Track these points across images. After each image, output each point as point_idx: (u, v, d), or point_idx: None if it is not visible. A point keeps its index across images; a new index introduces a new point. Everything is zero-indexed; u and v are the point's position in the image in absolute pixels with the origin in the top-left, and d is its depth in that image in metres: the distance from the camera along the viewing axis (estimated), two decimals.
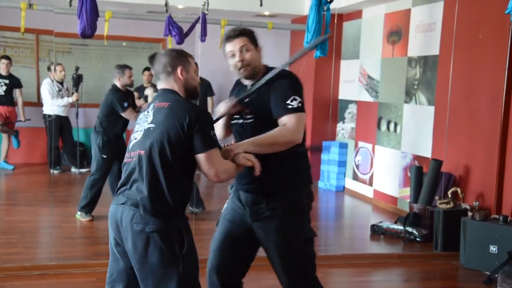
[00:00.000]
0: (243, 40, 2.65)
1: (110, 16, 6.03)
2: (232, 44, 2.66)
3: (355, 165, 7.33)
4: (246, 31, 2.71)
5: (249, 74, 2.66)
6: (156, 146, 2.33)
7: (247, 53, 2.65)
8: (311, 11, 5.51)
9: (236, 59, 2.65)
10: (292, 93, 2.57)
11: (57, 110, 7.73)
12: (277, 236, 2.59)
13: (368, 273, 4.55)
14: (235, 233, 2.71)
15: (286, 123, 2.52)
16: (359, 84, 7.23)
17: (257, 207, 2.62)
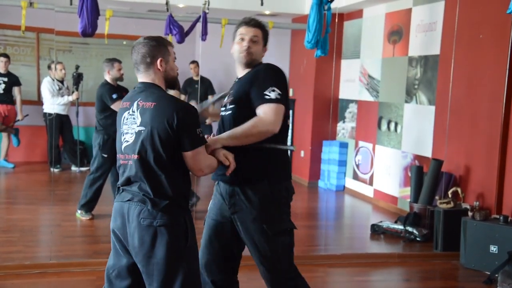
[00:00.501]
0: (257, 32, 2.76)
1: (111, 14, 6.03)
2: (246, 30, 2.76)
3: (355, 165, 7.33)
4: (263, 27, 2.81)
5: (247, 61, 2.74)
6: (149, 149, 2.35)
7: (255, 45, 2.74)
8: (312, 11, 5.50)
9: (244, 44, 2.73)
10: (271, 84, 2.59)
11: (58, 109, 7.73)
12: (253, 226, 2.62)
13: (368, 272, 4.54)
14: (221, 230, 2.75)
15: (261, 113, 2.55)
16: (359, 84, 7.23)
17: (234, 199, 2.65)
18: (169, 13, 6.06)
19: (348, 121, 7.52)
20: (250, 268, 4.43)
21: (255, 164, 2.62)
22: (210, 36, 6.09)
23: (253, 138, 2.55)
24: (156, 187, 2.35)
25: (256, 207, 2.62)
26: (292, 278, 2.77)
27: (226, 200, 2.69)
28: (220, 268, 2.79)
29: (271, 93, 2.57)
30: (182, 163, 2.41)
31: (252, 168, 2.62)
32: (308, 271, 4.40)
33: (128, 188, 2.43)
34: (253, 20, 2.79)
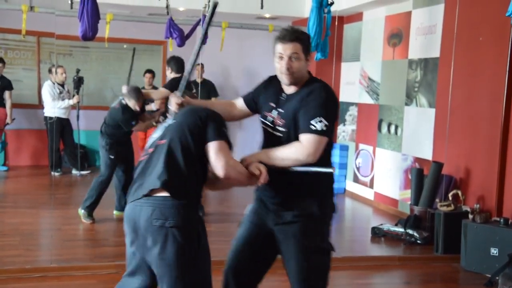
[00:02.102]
0: (295, 47, 2.54)
1: (111, 18, 6.04)
2: (283, 47, 2.55)
3: (355, 168, 7.33)
4: (302, 38, 2.57)
5: (289, 82, 2.57)
6: (176, 135, 2.42)
7: (296, 62, 2.54)
8: (312, 14, 5.52)
9: (283, 64, 2.54)
10: (320, 114, 2.47)
11: (58, 112, 7.74)
12: (296, 241, 2.58)
13: (368, 275, 4.54)
14: (256, 237, 2.71)
15: (303, 141, 2.48)
16: (359, 86, 7.24)
17: (280, 213, 2.61)
18: (170, 16, 6.07)
19: (348, 124, 7.53)
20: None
21: (303, 181, 2.57)
22: (210, 39, 6.09)
23: (289, 162, 2.50)
24: (171, 171, 2.38)
25: (301, 222, 2.57)
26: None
27: (271, 212, 2.64)
28: (247, 274, 2.76)
29: (317, 124, 2.45)
30: (202, 162, 2.44)
31: (300, 185, 2.58)
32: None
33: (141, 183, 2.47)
34: (288, 34, 2.55)
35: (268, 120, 2.63)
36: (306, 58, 2.57)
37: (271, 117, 2.62)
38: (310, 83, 2.59)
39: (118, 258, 4.51)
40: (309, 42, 2.60)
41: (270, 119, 2.62)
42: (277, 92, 2.65)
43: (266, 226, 2.66)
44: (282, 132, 2.57)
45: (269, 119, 2.63)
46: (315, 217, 2.59)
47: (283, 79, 2.58)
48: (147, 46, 9.01)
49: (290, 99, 2.58)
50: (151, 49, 9.05)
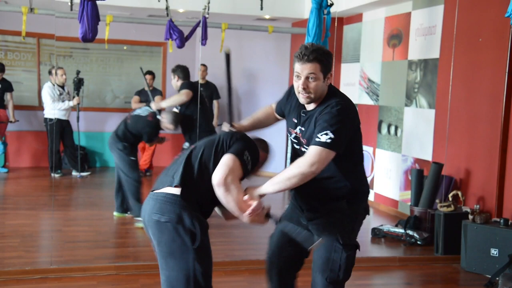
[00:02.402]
0: (313, 67, 2.50)
1: (111, 20, 6.05)
2: (301, 67, 2.52)
3: None
4: (322, 57, 2.52)
5: (305, 102, 2.58)
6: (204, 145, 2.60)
7: (313, 83, 2.52)
8: (312, 15, 5.52)
9: (300, 84, 2.53)
10: (327, 128, 2.46)
11: (58, 114, 7.75)
12: (328, 233, 2.67)
13: (369, 276, 4.54)
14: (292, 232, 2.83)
15: (306, 154, 2.51)
16: (359, 88, 7.24)
17: (314, 213, 2.73)
18: (169, 18, 6.08)
19: None
20: (250, 271, 4.44)
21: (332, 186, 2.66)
22: (210, 41, 6.11)
23: (295, 180, 2.48)
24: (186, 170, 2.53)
25: (334, 217, 2.68)
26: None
27: (306, 210, 2.76)
28: (286, 268, 2.91)
29: (322, 136, 2.45)
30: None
31: (334, 189, 2.66)
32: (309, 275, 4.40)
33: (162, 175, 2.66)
34: (307, 53, 2.50)
35: (293, 136, 2.72)
36: (324, 77, 2.54)
37: (295, 134, 2.70)
38: (327, 99, 2.58)
39: (118, 259, 4.52)
40: (329, 60, 2.55)
41: (294, 135, 2.70)
42: (298, 107, 2.67)
43: (300, 223, 2.77)
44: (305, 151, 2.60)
45: (293, 136, 2.71)
46: (345, 214, 2.69)
47: (300, 98, 2.58)
48: (147, 47, 9.01)
49: (310, 116, 2.60)
50: (150, 50, 9.06)
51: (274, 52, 8.47)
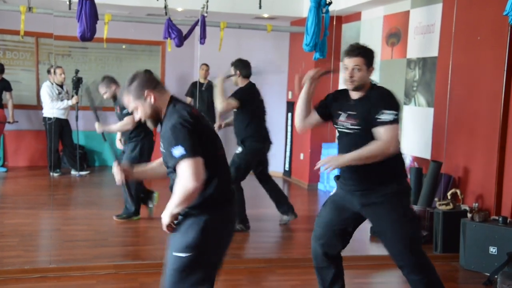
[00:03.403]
0: (359, 60, 3.13)
1: (110, 19, 6.04)
2: (348, 60, 3.15)
3: None
4: (365, 53, 3.19)
5: (352, 87, 3.16)
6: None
7: (358, 72, 3.13)
8: (310, 13, 5.52)
9: (347, 74, 3.13)
10: (387, 107, 3.09)
11: (57, 113, 7.74)
12: (387, 217, 3.14)
13: (368, 274, 4.55)
14: (339, 214, 3.28)
15: (380, 135, 3.04)
16: None
17: (366, 196, 3.15)
18: (168, 17, 6.07)
19: None
20: (250, 270, 4.45)
21: (386, 169, 3.12)
22: (208, 40, 6.11)
23: (375, 159, 3.03)
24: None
25: (389, 199, 3.12)
26: (427, 257, 3.32)
27: (357, 195, 3.18)
28: (333, 244, 3.30)
29: (383, 116, 3.05)
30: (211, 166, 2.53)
31: (383, 173, 3.13)
32: (308, 273, 4.41)
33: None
34: (353, 50, 3.16)
35: (341, 124, 3.21)
36: (367, 69, 3.17)
37: (342, 122, 3.19)
38: (372, 89, 3.21)
39: (117, 258, 4.52)
40: (371, 56, 3.21)
41: (342, 123, 3.19)
42: (344, 100, 3.22)
43: (352, 205, 3.21)
44: (356, 129, 3.13)
45: (341, 124, 3.20)
46: (400, 193, 3.17)
47: (347, 85, 3.17)
48: (146, 46, 9.01)
49: (360, 102, 3.15)
50: (149, 49, 9.06)
51: (273, 51, 8.48)
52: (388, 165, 3.11)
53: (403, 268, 3.28)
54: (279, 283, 4.28)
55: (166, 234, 2.66)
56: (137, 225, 5.57)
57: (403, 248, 3.18)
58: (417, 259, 3.24)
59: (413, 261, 3.23)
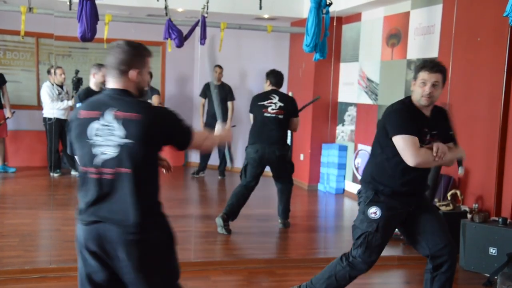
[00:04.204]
0: (438, 77, 3.15)
1: (110, 19, 6.05)
2: (429, 76, 3.14)
3: (354, 168, 7.33)
4: (444, 70, 3.19)
5: (427, 104, 3.17)
6: (141, 163, 2.30)
7: (437, 90, 3.15)
8: (311, 14, 5.52)
9: (426, 89, 3.13)
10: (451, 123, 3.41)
11: (57, 113, 7.74)
12: (433, 210, 3.52)
13: (368, 275, 4.51)
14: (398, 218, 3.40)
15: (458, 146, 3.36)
16: (358, 87, 7.25)
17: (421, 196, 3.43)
18: (168, 17, 6.08)
19: (347, 124, 7.54)
20: (250, 270, 4.45)
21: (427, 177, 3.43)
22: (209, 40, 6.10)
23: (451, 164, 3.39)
24: (139, 202, 2.29)
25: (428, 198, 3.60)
26: None
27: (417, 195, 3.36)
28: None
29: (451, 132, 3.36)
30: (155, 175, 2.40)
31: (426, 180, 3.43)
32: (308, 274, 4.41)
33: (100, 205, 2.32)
34: (435, 66, 3.15)
35: (427, 142, 3.21)
36: (442, 86, 3.19)
37: (428, 140, 3.21)
38: (435, 106, 3.30)
39: None
40: (446, 73, 3.21)
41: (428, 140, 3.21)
42: (421, 118, 3.22)
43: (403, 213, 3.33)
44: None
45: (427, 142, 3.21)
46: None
47: (423, 101, 3.16)
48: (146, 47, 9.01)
49: (434, 119, 3.26)
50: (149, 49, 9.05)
51: (273, 52, 8.48)
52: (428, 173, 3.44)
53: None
54: (279, 283, 4.28)
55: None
56: None
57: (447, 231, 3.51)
58: None
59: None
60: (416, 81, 3.19)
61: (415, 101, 3.20)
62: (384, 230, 3.28)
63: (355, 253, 3.34)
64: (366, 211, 3.29)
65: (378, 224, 3.26)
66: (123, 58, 2.37)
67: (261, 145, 5.40)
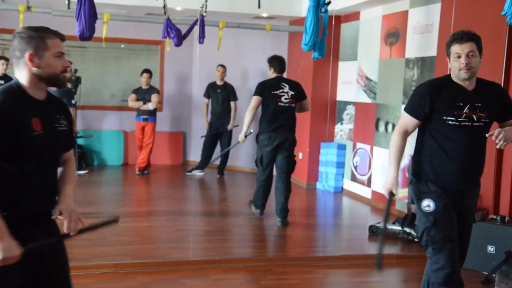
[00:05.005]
0: (471, 46, 2.96)
1: (109, 18, 6.04)
2: (461, 47, 2.97)
3: (353, 166, 7.34)
4: (476, 38, 3.00)
5: (467, 76, 2.97)
6: None
7: (473, 58, 2.96)
8: (309, 13, 5.53)
9: (462, 61, 2.95)
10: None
11: None
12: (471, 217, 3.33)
13: (366, 273, 4.56)
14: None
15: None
16: (357, 86, 7.25)
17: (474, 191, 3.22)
18: (167, 16, 6.08)
19: (345, 123, 7.55)
20: (248, 269, 4.45)
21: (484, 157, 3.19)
22: (207, 39, 6.11)
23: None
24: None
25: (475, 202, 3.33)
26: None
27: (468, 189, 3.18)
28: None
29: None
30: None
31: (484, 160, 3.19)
32: (306, 272, 4.43)
33: None
34: (464, 36, 2.97)
35: (464, 117, 3.01)
36: (480, 55, 2.99)
37: (465, 114, 3.01)
38: (483, 81, 3.09)
39: (115, 257, 4.52)
40: (481, 41, 3.00)
41: (465, 115, 3.01)
42: (459, 92, 3.03)
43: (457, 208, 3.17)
44: (485, 123, 3.05)
45: (465, 116, 3.01)
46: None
47: (462, 74, 2.98)
48: (145, 46, 9.02)
49: (480, 93, 3.04)
50: (148, 48, 9.06)
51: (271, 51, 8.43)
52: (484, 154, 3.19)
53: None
54: (278, 282, 4.29)
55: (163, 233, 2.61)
56: (136, 224, 5.57)
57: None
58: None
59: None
60: (450, 57, 3.05)
61: (454, 76, 3.05)
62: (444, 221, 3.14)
63: (428, 253, 3.30)
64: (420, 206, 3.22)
65: (434, 217, 3.12)
66: (15, 44, 2.31)
67: (275, 132, 5.60)
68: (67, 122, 2.34)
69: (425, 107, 3.08)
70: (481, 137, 3.04)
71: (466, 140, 3.04)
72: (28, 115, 2.16)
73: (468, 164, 3.07)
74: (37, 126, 2.16)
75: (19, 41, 2.24)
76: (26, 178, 2.16)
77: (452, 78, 3.07)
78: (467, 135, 3.04)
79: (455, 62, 2.99)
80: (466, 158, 3.06)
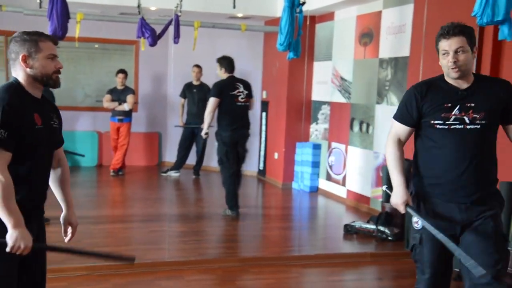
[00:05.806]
0: (460, 41, 2.59)
1: (82, 17, 5.98)
2: (448, 43, 2.60)
3: (328, 166, 7.39)
4: (466, 30, 2.62)
5: (457, 76, 2.63)
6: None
7: (462, 55, 2.59)
8: (284, 13, 5.55)
9: (450, 59, 2.60)
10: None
11: None
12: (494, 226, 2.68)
13: (341, 272, 4.59)
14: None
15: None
16: (331, 85, 7.30)
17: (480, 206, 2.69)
18: (141, 16, 6.04)
19: (321, 123, 7.59)
20: (223, 269, 4.45)
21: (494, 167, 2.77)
22: (182, 39, 6.09)
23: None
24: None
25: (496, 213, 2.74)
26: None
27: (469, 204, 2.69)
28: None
29: None
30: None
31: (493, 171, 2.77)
32: (282, 271, 4.44)
33: None
34: (451, 29, 2.60)
35: (454, 119, 2.66)
36: (472, 51, 2.62)
37: (456, 116, 2.66)
38: (483, 77, 2.80)
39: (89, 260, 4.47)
40: (473, 33, 2.63)
41: (456, 117, 2.66)
42: (449, 92, 2.69)
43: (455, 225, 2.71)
44: (481, 124, 2.65)
45: (455, 118, 2.66)
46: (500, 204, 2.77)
47: (451, 73, 2.63)
48: (119, 45, 8.93)
49: (475, 92, 2.67)
50: (122, 48, 8.98)
51: (247, 51, 8.49)
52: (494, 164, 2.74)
53: None
54: (254, 282, 4.30)
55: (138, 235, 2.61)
56: (110, 226, 5.52)
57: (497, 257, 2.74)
58: None
59: None
60: (438, 54, 2.68)
61: (446, 75, 2.70)
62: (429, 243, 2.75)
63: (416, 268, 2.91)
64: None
65: (421, 235, 2.76)
66: (11, 47, 2.36)
67: (235, 130, 5.86)
68: (58, 121, 2.53)
69: (413, 111, 2.77)
70: (481, 140, 2.66)
71: (457, 146, 2.65)
72: (30, 110, 2.32)
73: (462, 173, 2.65)
74: (38, 121, 2.33)
75: (15, 44, 2.35)
76: (27, 172, 2.32)
77: (444, 77, 2.74)
78: (460, 140, 2.66)
79: (443, 59, 2.64)
80: (460, 165, 2.65)
